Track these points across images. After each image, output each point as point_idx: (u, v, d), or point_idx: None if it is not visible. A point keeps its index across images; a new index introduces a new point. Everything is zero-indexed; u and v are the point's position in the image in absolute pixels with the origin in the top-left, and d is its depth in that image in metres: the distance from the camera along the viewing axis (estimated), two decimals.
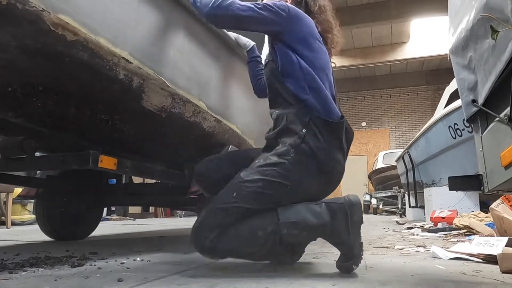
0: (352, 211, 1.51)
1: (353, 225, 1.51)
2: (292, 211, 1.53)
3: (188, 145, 2.46)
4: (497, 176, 1.77)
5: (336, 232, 1.52)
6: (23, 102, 1.73)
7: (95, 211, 3.21)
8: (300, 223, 1.50)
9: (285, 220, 1.50)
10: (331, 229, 1.52)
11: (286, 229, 1.50)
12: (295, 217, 1.51)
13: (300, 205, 1.54)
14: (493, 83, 1.64)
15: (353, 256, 1.51)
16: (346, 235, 1.51)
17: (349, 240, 1.51)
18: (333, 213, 1.52)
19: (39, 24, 1.33)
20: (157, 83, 1.83)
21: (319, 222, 1.51)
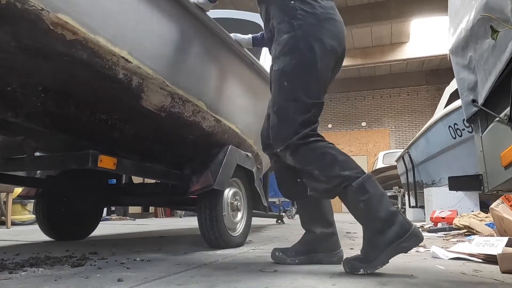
0: (408, 237, 1.48)
1: (397, 246, 1.49)
2: (376, 187, 1.56)
3: (188, 145, 2.46)
4: (497, 176, 1.77)
5: (380, 235, 1.51)
6: (22, 102, 1.73)
7: (95, 211, 3.21)
8: (371, 198, 1.52)
9: (364, 183, 1.53)
10: (381, 230, 1.51)
11: (357, 186, 1.53)
12: (373, 191, 1.53)
13: (384, 194, 1.57)
14: (493, 83, 1.64)
15: (370, 263, 1.50)
16: (384, 245, 1.49)
17: (382, 250, 1.49)
18: (396, 223, 1.49)
19: (38, 24, 1.33)
20: (156, 83, 1.83)
21: (381, 216, 1.51)
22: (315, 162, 1.61)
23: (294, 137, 1.61)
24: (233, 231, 2.54)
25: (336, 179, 1.56)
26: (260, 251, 2.30)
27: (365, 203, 1.52)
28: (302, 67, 1.65)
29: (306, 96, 1.65)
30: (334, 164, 1.57)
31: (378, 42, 11.65)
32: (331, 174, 1.57)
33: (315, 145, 1.62)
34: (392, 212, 1.52)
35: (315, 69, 1.66)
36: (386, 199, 1.56)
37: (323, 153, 1.60)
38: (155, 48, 1.81)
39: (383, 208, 1.52)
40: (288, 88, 1.65)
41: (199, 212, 2.37)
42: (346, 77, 14.83)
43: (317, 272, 1.59)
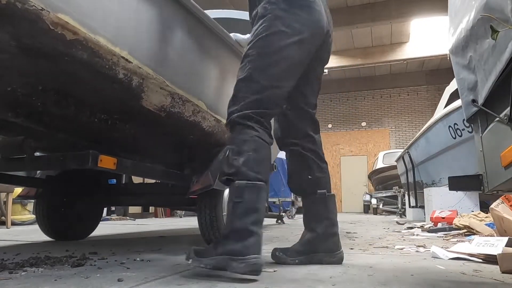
0: (240, 261, 1.39)
1: (225, 260, 1.42)
2: (254, 200, 1.49)
3: (188, 145, 2.46)
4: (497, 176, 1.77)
5: (224, 240, 1.48)
6: (22, 102, 1.73)
7: (95, 211, 3.21)
8: (239, 206, 1.47)
9: (245, 189, 1.48)
10: (225, 236, 1.48)
11: (237, 186, 1.49)
12: (247, 201, 1.48)
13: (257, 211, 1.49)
14: (493, 83, 1.64)
15: (200, 257, 1.48)
16: (218, 252, 1.45)
17: (213, 254, 1.46)
18: (242, 242, 1.42)
19: (38, 24, 1.33)
20: (156, 83, 1.83)
21: (234, 226, 1.47)
22: (235, 144, 1.57)
23: (235, 114, 1.59)
24: None
25: (232, 168, 1.52)
26: None
27: (233, 204, 1.48)
28: (265, 49, 1.62)
29: (261, 77, 1.60)
30: (242, 155, 1.52)
31: (378, 42, 11.64)
32: (234, 162, 1.52)
33: (247, 130, 1.56)
34: (247, 231, 1.43)
35: (276, 53, 1.62)
36: (254, 216, 1.46)
37: (245, 141, 1.55)
38: (155, 48, 1.81)
39: (242, 222, 1.44)
40: (247, 68, 1.63)
41: (199, 212, 2.37)
42: (346, 77, 14.82)
43: (317, 272, 1.59)
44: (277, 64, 1.63)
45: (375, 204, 11.27)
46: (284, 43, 1.62)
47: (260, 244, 1.46)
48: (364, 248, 2.43)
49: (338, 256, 1.83)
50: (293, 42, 1.64)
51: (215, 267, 1.44)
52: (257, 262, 1.40)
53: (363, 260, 1.93)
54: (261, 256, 1.43)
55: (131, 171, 2.10)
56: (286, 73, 1.66)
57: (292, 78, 1.71)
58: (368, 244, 2.70)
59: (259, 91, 1.60)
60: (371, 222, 6.15)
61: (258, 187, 1.50)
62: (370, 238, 3.19)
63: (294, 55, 1.66)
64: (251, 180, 1.49)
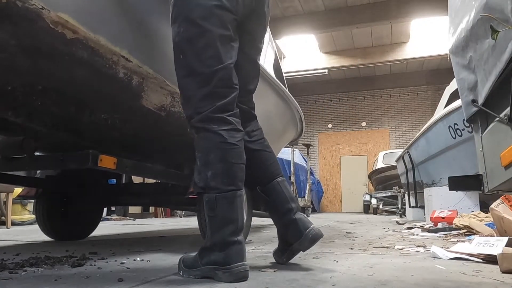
0: (225, 270, 1.38)
1: (211, 270, 1.42)
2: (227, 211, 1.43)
3: (188, 145, 2.45)
4: (497, 176, 1.78)
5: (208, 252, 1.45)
6: (22, 102, 1.73)
7: (95, 211, 3.21)
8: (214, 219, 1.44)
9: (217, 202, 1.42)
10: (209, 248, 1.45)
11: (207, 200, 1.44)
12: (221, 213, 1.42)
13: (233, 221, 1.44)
14: (493, 83, 1.65)
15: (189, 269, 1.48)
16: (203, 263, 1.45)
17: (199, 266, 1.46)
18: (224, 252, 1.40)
19: (38, 22, 1.33)
20: (156, 82, 1.83)
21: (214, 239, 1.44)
22: (201, 153, 1.48)
23: (195, 117, 1.45)
24: None
25: (201, 182, 1.45)
26: (260, 251, 2.30)
27: (209, 218, 1.45)
28: (190, 34, 1.45)
29: (201, 65, 1.44)
30: (209, 167, 1.44)
31: (378, 42, 11.64)
32: (202, 174, 1.45)
33: (210, 135, 1.44)
34: (226, 242, 1.41)
35: (203, 33, 1.44)
36: (231, 227, 1.42)
37: (210, 150, 1.45)
38: (155, 47, 1.81)
39: (220, 234, 1.41)
40: (183, 61, 1.47)
41: (199, 212, 2.37)
42: (346, 77, 14.82)
43: (317, 272, 1.59)
44: (210, 46, 1.45)
45: (375, 204, 11.27)
46: (204, 18, 1.44)
47: (243, 251, 1.43)
48: (364, 248, 2.43)
49: (307, 238, 1.66)
50: (212, 12, 1.45)
51: (202, 277, 1.44)
52: (241, 270, 1.39)
53: (363, 260, 1.93)
54: (245, 263, 1.42)
55: (131, 171, 2.09)
56: (225, 49, 1.48)
57: (230, 47, 1.52)
58: (368, 244, 2.70)
59: (207, 82, 1.44)
60: (371, 222, 6.15)
61: (230, 196, 1.43)
62: (370, 238, 3.19)
63: (223, 25, 1.47)
64: (222, 192, 1.42)
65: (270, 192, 1.71)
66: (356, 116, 15.29)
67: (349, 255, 2.09)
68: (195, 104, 1.46)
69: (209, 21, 1.45)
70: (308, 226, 1.67)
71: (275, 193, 1.71)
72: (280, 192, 1.71)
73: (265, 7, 1.69)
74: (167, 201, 3.38)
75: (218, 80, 1.46)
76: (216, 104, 1.45)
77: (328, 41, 11.49)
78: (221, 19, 1.47)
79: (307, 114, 14.52)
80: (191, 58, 1.46)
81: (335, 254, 2.16)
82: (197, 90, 1.45)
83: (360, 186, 14.54)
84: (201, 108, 1.44)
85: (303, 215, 1.71)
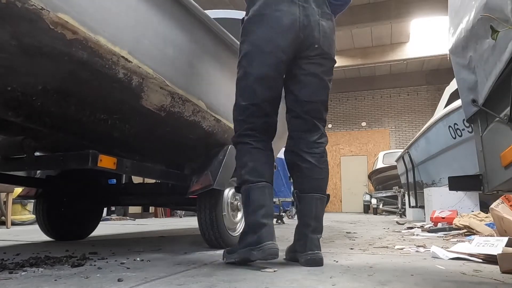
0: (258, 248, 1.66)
1: (247, 251, 1.70)
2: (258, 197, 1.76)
3: (188, 145, 2.46)
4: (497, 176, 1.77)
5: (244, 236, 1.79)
6: (22, 102, 1.73)
7: (95, 211, 3.21)
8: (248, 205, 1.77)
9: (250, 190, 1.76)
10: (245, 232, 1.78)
11: (244, 190, 1.80)
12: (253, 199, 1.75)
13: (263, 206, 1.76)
14: (493, 83, 1.64)
15: (229, 254, 1.80)
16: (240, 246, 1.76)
17: (238, 249, 1.76)
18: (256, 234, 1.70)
19: (38, 23, 1.33)
20: (156, 82, 1.83)
21: (248, 222, 1.77)
22: (237, 160, 1.87)
23: (234, 136, 1.89)
24: (233, 231, 2.54)
25: (239, 179, 1.83)
26: None
27: (244, 205, 1.79)
28: (241, 75, 1.85)
29: (241, 99, 1.85)
30: (243, 166, 1.80)
31: (378, 42, 11.64)
32: (238, 174, 1.84)
33: (242, 146, 1.84)
34: (258, 224, 1.71)
35: (246, 74, 1.82)
36: (263, 211, 1.72)
37: (244, 154, 1.83)
38: (155, 47, 1.81)
39: (253, 217, 1.73)
40: (235, 94, 1.89)
41: (199, 212, 2.37)
42: (346, 77, 14.82)
43: (317, 272, 1.59)
44: (249, 85, 1.82)
45: (375, 204, 11.27)
46: (249, 61, 1.80)
47: (273, 232, 1.73)
48: (364, 248, 2.43)
49: (305, 257, 1.76)
50: (257, 55, 1.78)
51: (241, 259, 1.71)
52: (271, 247, 1.66)
53: (363, 260, 1.93)
54: (274, 242, 1.69)
55: (131, 171, 2.09)
56: (253, 91, 1.81)
57: (265, 90, 1.82)
58: (368, 244, 2.70)
59: (243, 112, 1.85)
60: (371, 222, 6.15)
61: (261, 186, 1.76)
62: (370, 238, 3.19)
63: (267, 67, 1.78)
64: (253, 183, 1.75)
65: (302, 201, 1.89)
66: (356, 116, 15.29)
67: (349, 255, 2.09)
68: (237, 126, 1.88)
69: (252, 66, 1.81)
70: (313, 249, 1.78)
71: (305, 204, 1.88)
72: (309, 206, 1.87)
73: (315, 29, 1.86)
74: (167, 201, 3.39)
75: (251, 112, 1.84)
76: (245, 126, 1.85)
77: None
78: (264, 59, 1.79)
79: None
80: (237, 92, 1.89)
81: (335, 254, 2.16)
82: (238, 116, 1.88)
83: (360, 186, 14.54)
84: (239, 129, 1.87)
85: (317, 237, 1.84)
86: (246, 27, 1.82)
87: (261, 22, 1.77)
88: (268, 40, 1.77)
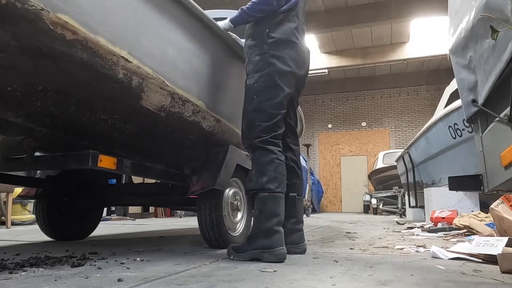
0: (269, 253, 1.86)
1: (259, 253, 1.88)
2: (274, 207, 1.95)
3: (188, 145, 2.45)
4: (497, 176, 1.77)
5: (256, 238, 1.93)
6: (22, 102, 1.73)
7: (95, 211, 3.21)
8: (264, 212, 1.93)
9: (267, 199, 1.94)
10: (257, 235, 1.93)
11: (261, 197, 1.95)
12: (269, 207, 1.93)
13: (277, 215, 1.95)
14: (493, 83, 1.65)
15: (238, 253, 1.93)
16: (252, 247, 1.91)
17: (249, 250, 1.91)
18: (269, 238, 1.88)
19: (38, 23, 1.33)
20: (156, 83, 1.83)
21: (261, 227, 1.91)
22: (258, 165, 2.00)
23: (257, 140, 2.01)
24: (233, 231, 2.54)
25: (258, 185, 1.96)
26: None
27: (259, 211, 1.94)
28: (269, 85, 2.03)
29: (270, 108, 2.03)
30: (265, 174, 1.96)
31: (378, 42, 11.63)
32: (258, 180, 1.96)
33: (265, 153, 1.99)
34: (272, 230, 1.89)
35: (277, 87, 2.04)
36: (276, 219, 1.92)
37: (267, 163, 1.97)
38: (155, 48, 1.81)
39: (267, 224, 1.90)
40: (256, 101, 2.04)
41: (199, 212, 2.37)
42: (346, 77, 14.81)
43: (317, 272, 1.59)
44: (278, 96, 2.04)
45: (375, 204, 11.26)
46: (280, 77, 2.04)
47: (283, 239, 1.91)
48: (364, 248, 2.43)
49: (302, 247, 2.16)
50: (286, 75, 2.06)
51: (251, 259, 1.88)
52: (282, 252, 1.87)
53: (363, 260, 1.93)
54: (284, 247, 1.88)
55: (131, 171, 2.10)
56: (284, 102, 2.08)
57: (286, 102, 2.13)
58: (368, 244, 2.70)
59: (270, 119, 2.02)
60: (371, 222, 6.15)
61: (277, 197, 1.95)
62: (370, 238, 3.19)
63: (288, 86, 2.08)
64: (272, 193, 1.93)
65: (294, 202, 2.22)
66: (356, 116, 15.28)
67: (349, 255, 2.09)
68: (257, 131, 2.01)
69: (284, 81, 2.06)
70: (304, 240, 2.21)
71: (299, 204, 2.26)
72: (301, 205, 2.29)
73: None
74: (167, 201, 3.39)
75: (277, 121, 2.06)
76: (272, 134, 2.03)
77: (328, 41, 11.48)
78: (290, 80, 2.10)
79: (307, 114, 14.53)
80: (263, 100, 2.03)
81: (335, 254, 2.16)
82: (262, 122, 2.02)
83: (360, 186, 14.53)
84: (262, 135, 2.01)
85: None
86: (277, 45, 2.05)
87: (291, 47, 2.09)
88: (297, 65, 2.11)
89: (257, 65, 2.06)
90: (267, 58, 2.04)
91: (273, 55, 2.04)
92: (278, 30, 2.07)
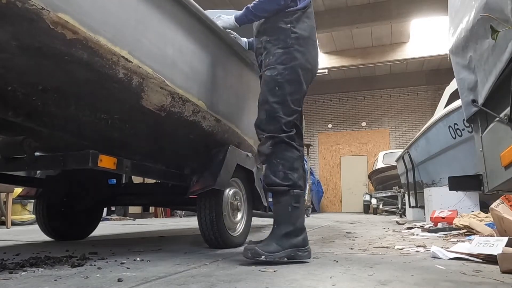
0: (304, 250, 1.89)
1: (294, 251, 1.87)
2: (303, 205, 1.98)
3: (188, 145, 2.45)
4: (497, 176, 1.78)
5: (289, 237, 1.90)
6: (22, 102, 1.73)
7: (95, 211, 3.21)
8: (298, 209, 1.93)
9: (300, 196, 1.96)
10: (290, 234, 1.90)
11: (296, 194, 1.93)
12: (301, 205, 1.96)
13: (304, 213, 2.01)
14: (493, 83, 1.65)
15: (271, 253, 1.82)
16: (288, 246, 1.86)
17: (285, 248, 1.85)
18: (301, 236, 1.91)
19: (38, 23, 1.33)
20: (156, 82, 1.83)
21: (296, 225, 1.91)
22: (285, 160, 1.94)
23: (282, 134, 1.94)
24: (233, 231, 2.54)
25: (289, 181, 1.92)
26: None
27: (293, 208, 1.91)
28: (293, 78, 1.98)
29: (292, 103, 1.98)
30: (295, 171, 1.94)
31: (378, 42, 11.63)
32: (289, 176, 1.92)
33: (292, 149, 1.97)
34: (303, 228, 1.93)
35: (300, 83, 2.01)
36: (304, 218, 1.98)
37: (295, 159, 1.96)
38: (155, 47, 1.81)
39: (300, 221, 1.93)
40: (279, 93, 1.97)
41: (199, 212, 2.37)
42: (346, 77, 14.81)
43: (317, 272, 1.59)
44: (301, 92, 2.03)
45: (375, 204, 11.26)
46: (303, 73, 2.01)
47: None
48: (364, 248, 2.43)
49: (307, 251, 1.95)
50: (307, 72, 2.04)
51: (288, 258, 1.84)
52: (310, 249, 1.94)
53: (363, 260, 1.93)
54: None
55: (131, 171, 2.09)
56: (302, 98, 2.08)
57: (303, 101, 2.13)
58: (368, 244, 2.70)
59: (292, 114, 1.99)
60: (371, 222, 6.15)
61: (303, 195, 1.99)
62: (370, 238, 3.19)
63: (306, 83, 2.06)
64: (302, 190, 1.96)
65: None
66: (356, 116, 15.28)
67: (349, 255, 2.09)
68: (281, 124, 1.95)
69: (305, 78, 2.03)
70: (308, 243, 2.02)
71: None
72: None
73: None
74: (167, 201, 3.39)
75: (297, 116, 2.04)
76: (295, 129, 2.03)
77: (328, 41, 11.48)
78: (309, 78, 2.08)
79: (307, 114, 14.52)
80: (287, 94, 1.97)
81: (335, 254, 2.16)
82: (285, 116, 1.96)
83: (360, 186, 14.53)
84: (289, 129, 1.97)
85: None
86: (301, 41, 2.01)
87: (313, 47, 2.08)
88: (315, 64, 2.12)
89: (280, 58, 1.99)
90: (292, 52, 1.99)
91: (298, 50, 2.00)
92: (299, 26, 2.03)
